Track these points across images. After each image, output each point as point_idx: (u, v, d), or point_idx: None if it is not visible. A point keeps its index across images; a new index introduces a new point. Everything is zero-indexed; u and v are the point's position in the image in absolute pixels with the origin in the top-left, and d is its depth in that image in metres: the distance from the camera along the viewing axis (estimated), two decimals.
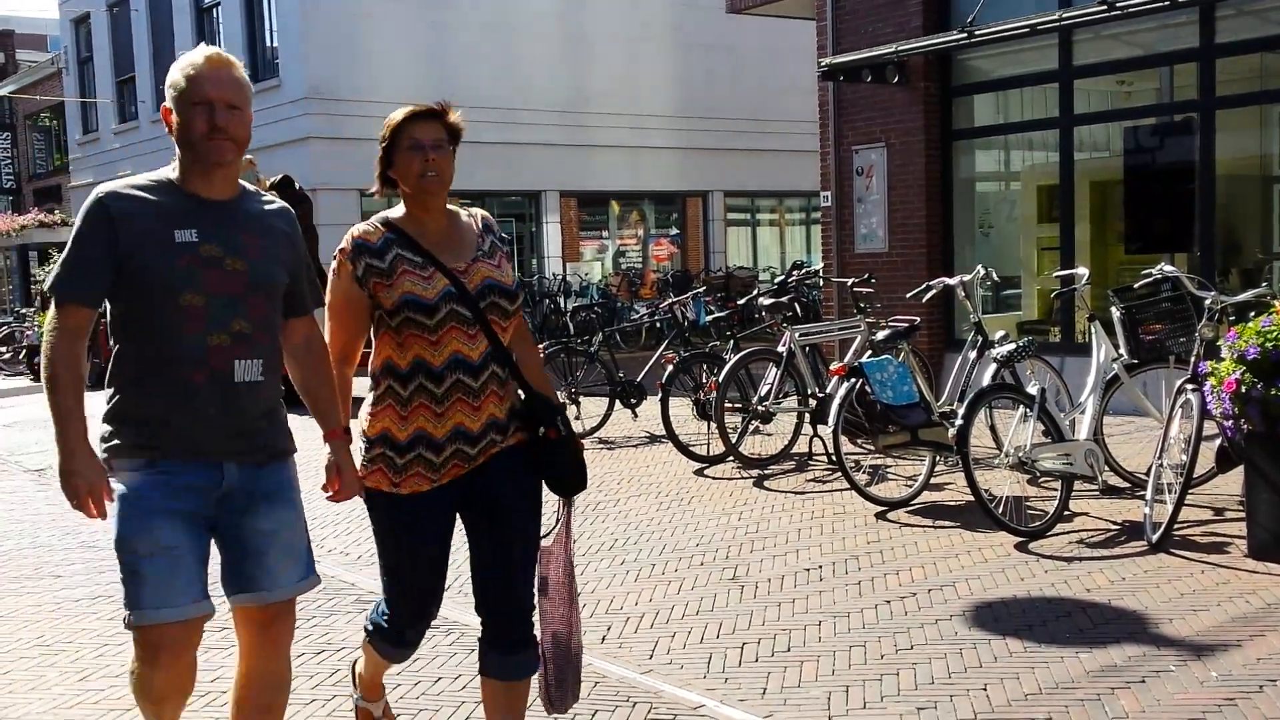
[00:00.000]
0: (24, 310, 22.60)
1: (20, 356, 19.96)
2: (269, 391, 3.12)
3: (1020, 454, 6.26)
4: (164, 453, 2.97)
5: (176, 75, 3.01)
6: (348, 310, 3.27)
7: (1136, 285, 6.71)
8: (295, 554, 3.18)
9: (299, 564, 3.20)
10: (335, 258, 3.27)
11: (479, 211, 3.44)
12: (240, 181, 3.16)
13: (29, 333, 19.41)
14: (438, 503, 3.30)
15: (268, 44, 21.02)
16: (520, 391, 3.35)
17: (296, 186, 14.59)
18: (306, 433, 3.42)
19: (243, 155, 3.05)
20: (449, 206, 3.36)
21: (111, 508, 2.98)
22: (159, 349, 2.95)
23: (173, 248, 2.92)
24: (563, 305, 19.58)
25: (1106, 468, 6.87)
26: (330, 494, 3.30)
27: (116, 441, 2.98)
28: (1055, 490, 6.47)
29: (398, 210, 3.34)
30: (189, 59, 3.01)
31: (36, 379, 18.60)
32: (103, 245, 2.90)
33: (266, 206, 3.18)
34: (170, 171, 3.05)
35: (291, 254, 3.19)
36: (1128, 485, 7.02)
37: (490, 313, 3.23)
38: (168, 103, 3.04)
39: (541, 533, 3.43)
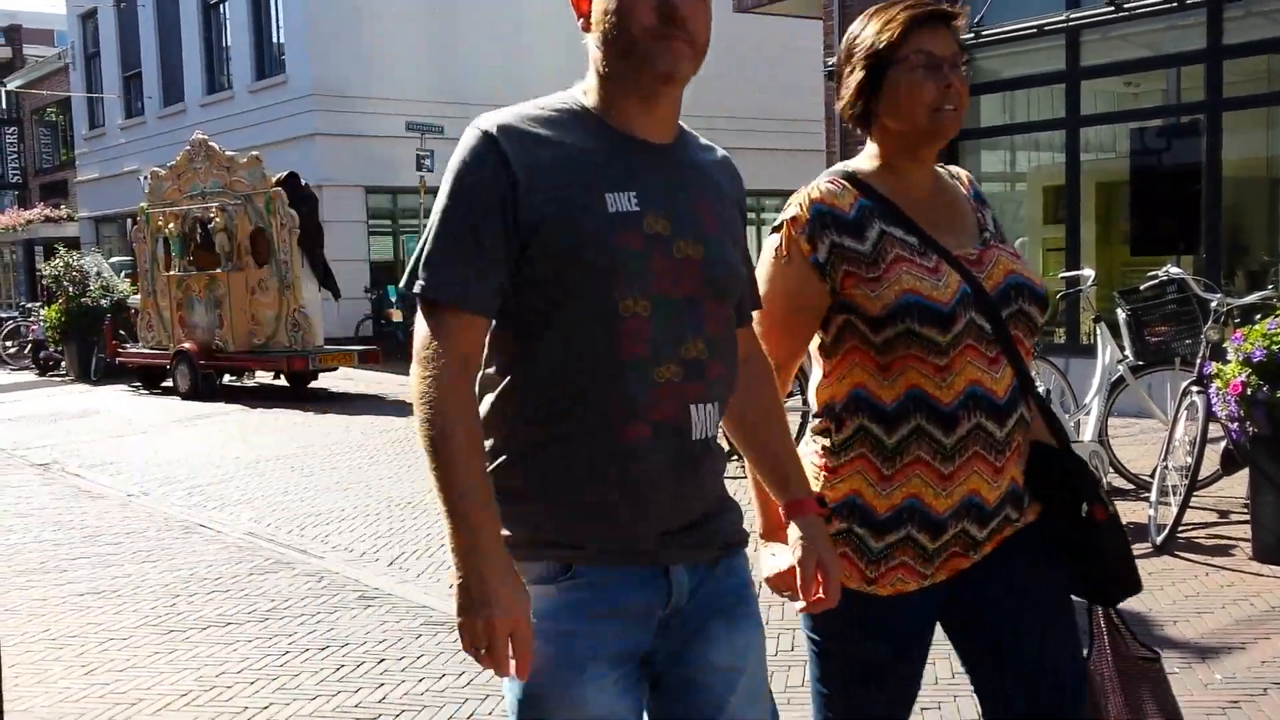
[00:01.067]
0: (29, 305, 22.64)
1: (25, 351, 20.00)
2: (722, 451, 1.98)
3: None
4: (586, 554, 1.81)
5: None
6: (797, 311, 2.17)
7: (1142, 287, 6.71)
8: (760, 696, 1.99)
9: (765, 712, 2.01)
10: (780, 232, 2.20)
11: (961, 171, 2.33)
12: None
13: (34, 328, 19.45)
14: (923, 608, 2.18)
15: (274, 41, 21.05)
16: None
17: (302, 183, 14.65)
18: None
19: (698, 69, 1.86)
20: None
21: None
22: (578, 384, 1.78)
23: (606, 222, 1.77)
24: None
25: (1111, 469, 6.87)
26: (805, 603, 2.05)
27: (506, 533, 1.80)
28: None
29: (863, 161, 2.22)
30: None
31: (42, 374, 18.66)
32: (503, 214, 1.75)
33: (708, 155, 2.03)
34: (580, 95, 1.93)
35: (742, 230, 2.06)
36: (1132, 487, 7.02)
37: (1015, 325, 2.13)
38: None
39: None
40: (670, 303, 1.81)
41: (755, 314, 2.11)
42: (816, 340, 2.21)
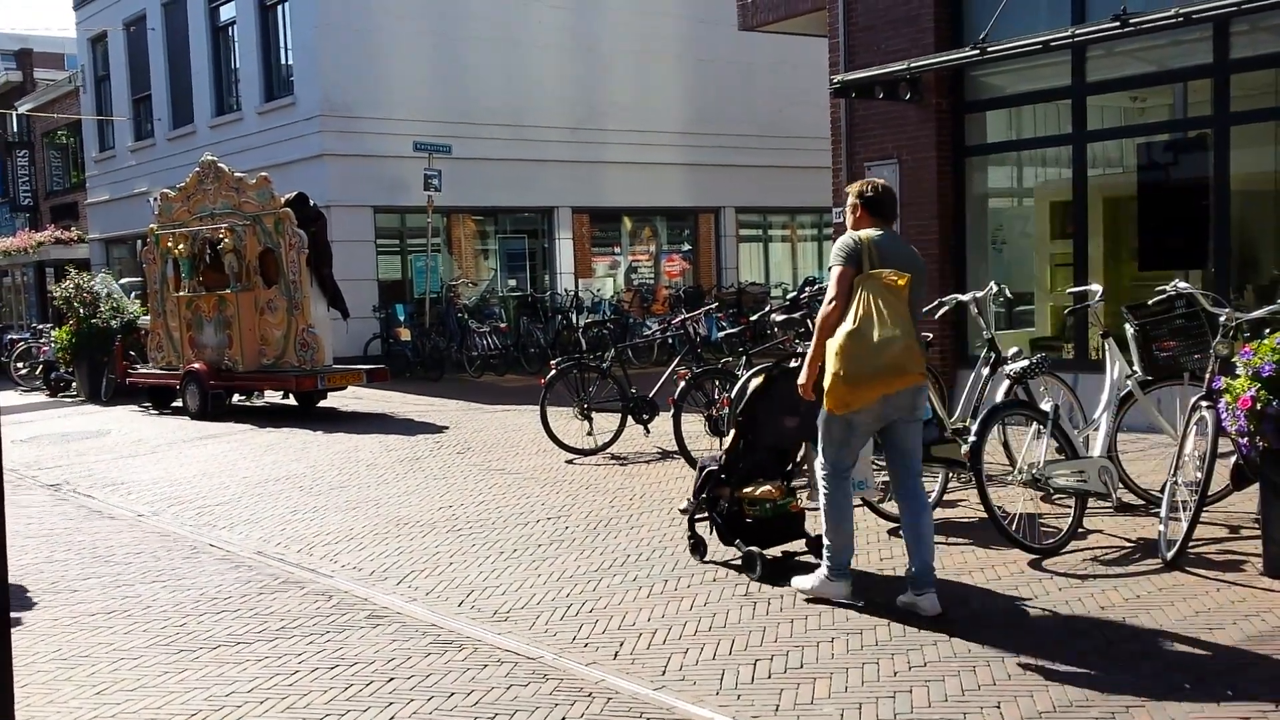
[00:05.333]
0: (40, 326, 22.73)
1: (37, 372, 20.06)
2: None
3: (1034, 471, 6.24)
4: None
5: None
6: None
7: (1151, 302, 6.70)
8: None
9: None
10: None
11: None
12: None
13: (45, 349, 19.51)
14: None
15: (283, 62, 21.16)
16: None
17: (311, 204, 14.70)
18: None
19: None
20: None
21: None
22: None
23: None
24: (575, 321, 19.61)
25: (1121, 485, 6.85)
26: None
27: None
28: (1069, 507, 6.45)
29: None
30: None
31: (53, 395, 18.72)
32: None
33: None
34: None
35: None
36: (1142, 503, 6.99)
37: None
38: None
39: None
40: None
41: None
42: None
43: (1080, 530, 6.35)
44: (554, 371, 10.25)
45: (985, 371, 7.56)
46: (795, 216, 25.44)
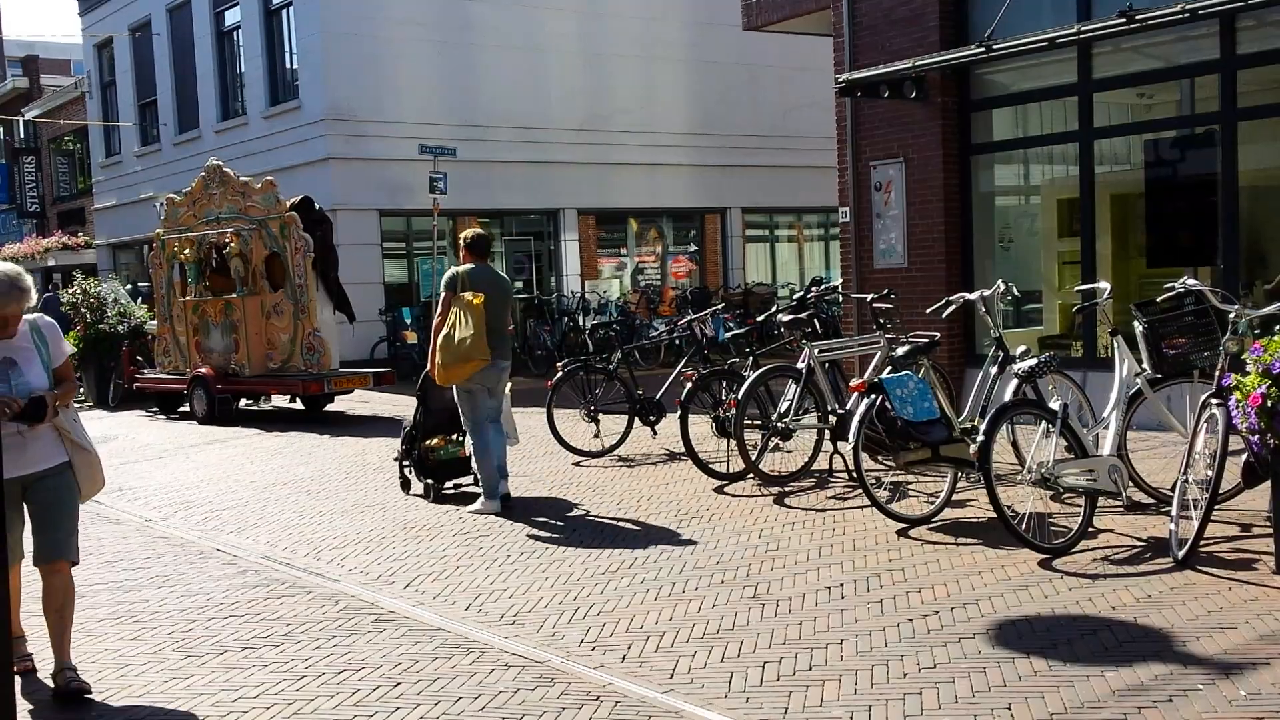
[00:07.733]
0: None
1: None
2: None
3: (1043, 470, 6.21)
4: None
5: None
6: None
7: (1159, 299, 6.66)
8: None
9: None
10: None
11: None
12: None
13: None
14: None
15: (288, 66, 21.18)
16: None
17: (316, 207, 14.71)
18: None
19: None
20: None
21: None
22: None
23: None
24: (581, 323, 19.59)
25: (1131, 484, 6.81)
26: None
27: None
28: (1079, 507, 6.42)
29: None
30: None
31: None
32: None
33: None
34: None
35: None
36: (1152, 501, 6.96)
37: None
38: None
39: None
40: None
41: None
42: None
43: (1090, 529, 6.32)
44: (560, 374, 10.23)
45: (993, 370, 7.54)
46: (801, 216, 25.40)
